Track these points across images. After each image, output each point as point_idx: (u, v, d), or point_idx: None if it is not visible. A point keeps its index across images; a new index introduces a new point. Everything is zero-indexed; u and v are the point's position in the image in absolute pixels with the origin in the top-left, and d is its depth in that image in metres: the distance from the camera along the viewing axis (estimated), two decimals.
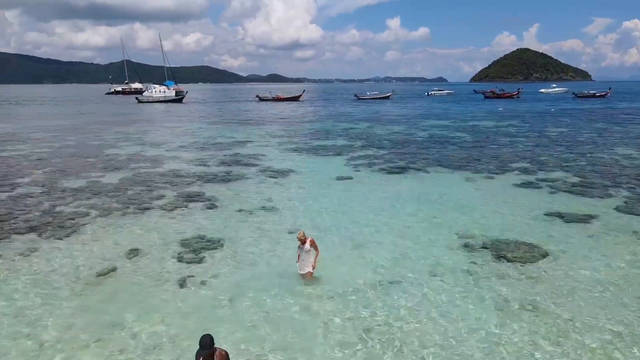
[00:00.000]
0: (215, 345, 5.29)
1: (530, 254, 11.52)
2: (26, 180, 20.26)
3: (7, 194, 17.86)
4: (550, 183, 19.34)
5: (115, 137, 36.16)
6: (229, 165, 23.85)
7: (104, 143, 32.73)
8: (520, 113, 60.08)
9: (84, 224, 14.06)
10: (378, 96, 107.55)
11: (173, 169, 23.00)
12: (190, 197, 17.30)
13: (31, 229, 13.55)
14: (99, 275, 10.35)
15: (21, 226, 13.84)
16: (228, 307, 8.91)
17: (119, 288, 9.74)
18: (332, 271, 10.46)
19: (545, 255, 11.46)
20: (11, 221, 14.37)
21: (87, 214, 15.10)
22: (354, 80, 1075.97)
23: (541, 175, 20.98)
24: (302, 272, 9.68)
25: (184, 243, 12.46)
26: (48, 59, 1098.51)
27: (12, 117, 58.85)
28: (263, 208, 15.86)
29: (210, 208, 16.05)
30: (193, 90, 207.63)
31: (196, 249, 12.03)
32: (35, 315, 8.58)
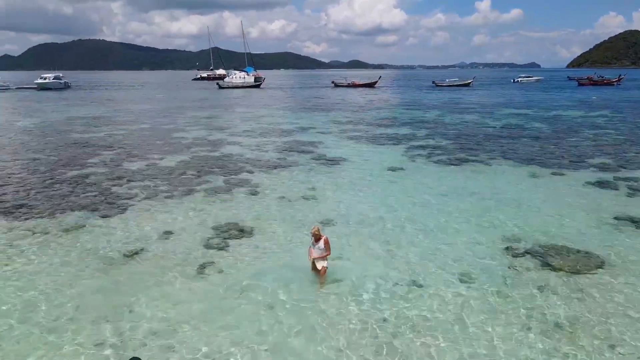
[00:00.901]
0: None
1: (583, 264, 10.16)
2: (94, 160, 21.76)
3: (74, 172, 19.27)
4: (630, 183, 17.08)
5: (187, 122, 37.86)
6: (284, 152, 23.89)
7: (175, 127, 34.38)
8: (615, 102, 54.18)
9: (131, 205, 14.73)
10: (457, 83, 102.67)
11: (229, 153, 23.50)
12: (236, 183, 17.51)
13: (83, 207, 14.44)
14: (126, 255, 10.72)
15: (76, 203, 14.81)
16: (237, 298, 8.77)
17: (139, 270, 10.01)
18: (353, 267, 9.97)
19: (600, 266, 10.05)
20: (70, 197, 15.44)
21: (136, 195, 15.82)
22: (437, 67, 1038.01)
23: (622, 173, 18.61)
24: (314, 268, 9.26)
25: (216, 229, 12.58)
26: (147, 47, 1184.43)
27: (106, 101, 63.95)
28: (303, 197, 15.61)
29: (252, 194, 16.11)
30: (274, 77, 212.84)
31: (225, 235, 12.08)
32: (53, 287, 9.03)
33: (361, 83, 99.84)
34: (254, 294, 8.88)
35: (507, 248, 11.10)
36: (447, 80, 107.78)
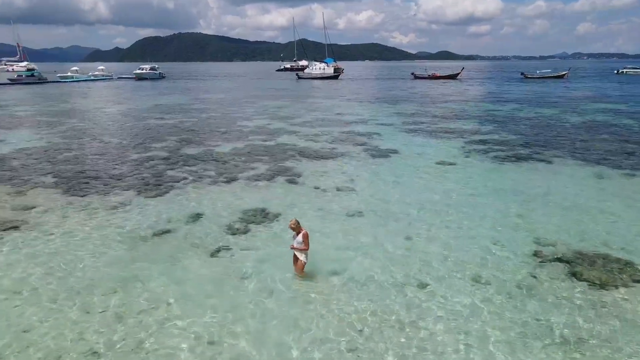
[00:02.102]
0: None
1: (619, 275, 9.12)
2: (158, 145, 23.36)
3: (137, 155, 20.86)
4: None
5: (255, 111, 39.16)
6: (337, 143, 23.89)
7: (241, 116, 35.75)
8: None
9: (176, 187, 15.67)
10: (550, 75, 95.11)
11: (283, 142, 24.00)
12: (279, 171, 17.88)
13: (134, 187, 15.63)
14: (155, 234, 11.46)
15: (129, 183, 16.06)
16: (235, 284, 9.01)
17: (160, 249, 10.65)
18: (362, 262, 9.84)
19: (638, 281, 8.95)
20: (126, 178, 16.77)
21: (184, 179, 16.78)
22: (534, 57, 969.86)
23: None
24: (294, 262, 9.12)
25: (244, 213, 12.99)
26: (239, 39, 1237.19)
27: (189, 90, 68.00)
28: (338, 188, 15.57)
29: (291, 183, 16.38)
30: (357, 68, 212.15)
31: (250, 221, 12.44)
32: (76, 259, 9.93)
33: (442, 75, 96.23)
34: (250, 280, 9.09)
35: (535, 253, 10.26)
36: (537, 72, 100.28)
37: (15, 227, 11.83)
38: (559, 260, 9.93)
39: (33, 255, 10.14)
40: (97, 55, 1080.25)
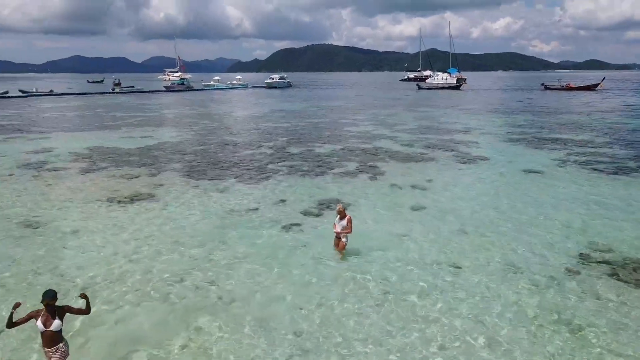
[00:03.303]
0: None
1: None
2: (268, 144, 26.64)
3: (249, 150, 24.22)
4: None
5: (364, 118, 41.24)
6: (429, 148, 24.76)
7: (349, 121, 38.09)
8: None
9: (271, 178, 18.30)
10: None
11: (379, 146, 25.61)
12: (365, 169, 19.59)
13: (237, 174, 18.63)
14: (247, 210, 14.03)
15: (234, 172, 19.14)
16: (292, 250, 10.97)
17: (246, 220, 13.14)
18: (402, 247, 11.18)
19: None
20: (234, 168, 19.93)
21: (280, 171, 19.40)
22: None
23: None
24: (336, 243, 10.55)
25: (321, 201, 14.96)
26: (368, 50, 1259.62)
27: (310, 98, 72.71)
28: (414, 186, 16.79)
29: (371, 179, 18.01)
30: (486, 78, 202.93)
31: (323, 207, 14.36)
32: (183, 221, 12.81)
33: (577, 86, 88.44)
34: (305, 249, 10.95)
35: (581, 255, 10.57)
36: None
37: (148, 197, 15.36)
38: (605, 262, 10.13)
39: (155, 216, 13.34)
40: (238, 66, 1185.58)
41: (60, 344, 5.72)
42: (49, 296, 5.55)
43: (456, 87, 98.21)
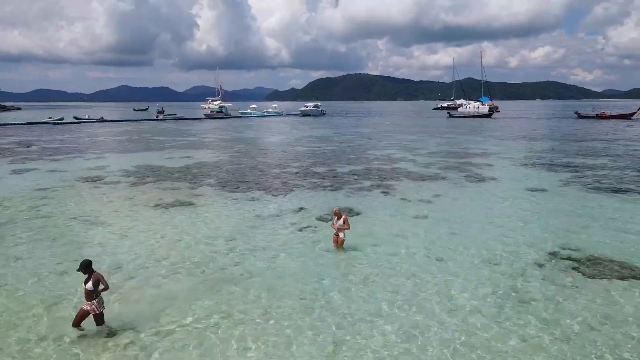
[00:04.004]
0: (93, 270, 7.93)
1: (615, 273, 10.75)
2: (295, 164, 29.13)
3: (276, 170, 26.73)
4: None
5: (388, 143, 43.37)
6: (445, 169, 26.52)
7: (373, 146, 40.30)
8: None
9: (294, 191, 20.60)
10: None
11: (397, 167, 27.61)
12: (379, 186, 21.59)
13: (264, 188, 21.04)
14: (267, 216, 16.33)
15: (261, 186, 21.56)
16: (301, 245, 13.12)
17: (266, 223, 15.41)
18: (394, 246, 13.13)
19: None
20: (262, 183, 22.37)
21: (302, 186, 21.71)
22: None
23: None
24: (335, 240, 12.51)
25: (332, 210, 17.06)
26: (403, 79, 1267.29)
27: (340, 125, 75.52)
28: (421, 200, 18.68)
29: (384, 194, 19.99)
30: (522, 107, 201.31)
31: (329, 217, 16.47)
32: (217, 223, 15.19)
33: (612, 114, 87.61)
34: (312, 245, 13.05)
35: (554, 254, 12.21)
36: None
37: (187, 204, 17.93)
38: (570, 259, 11.76)
39: (192, 217, 15.83)
40: (275, 95, 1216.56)
41: (94, 300, 7.87)
42: (79, 267, 7.88)
43: (487, 116, 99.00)
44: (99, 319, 8.04)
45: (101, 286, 7.85)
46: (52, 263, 11.52)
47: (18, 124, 75.29)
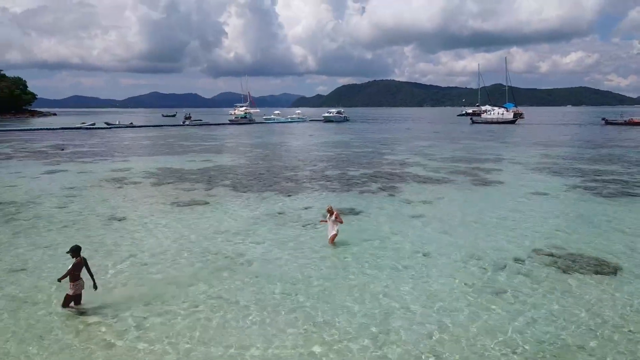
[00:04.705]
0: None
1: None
2: (308, 167, 30.27)
3: (290, 173, 27.89)
4: None
5: (404, 148, 44.10)
6: (453, 174, 27.14)
7: (388, 151, 41.12)
8: None
9: (303, 192, 21.67)
10: None
11: (407, 171, 28.40)
12: (385, 188, 22.47)
13: (275, 190, 22.19)
14: (276, 214, 17.46)
15: (273, 187, 22.73)
16: (301, 239, 14.16)
17: (272, 221, 16.53)
18: (385, 241, 14.04)
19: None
20: (274, 185, 23.54)
21: (312, 188, 22.78)
22: None
23: None
24: (328, 236, 13.40)
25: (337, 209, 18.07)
26: (430, 85, 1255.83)
27: (362, 131, 76.40)
28: (424, 202, 19.45)
29: (389, 195, 20.88)
30: (550, 113, 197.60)
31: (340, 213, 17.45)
32: (227, 219, 16.40)
33: None
34: (309, 242, 14.08)
35: (535, 249, 12.89)
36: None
37: (201, 203, 19.25)
38: (551, 256, 12.42)
39: (204, 214, 17.10)
40: (301, 101, 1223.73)
41: (78, 281, 8.83)
42: (69, 250, 8.97)
43: (511, 122, 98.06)
44: (76, 299, 8.98)
45: (85, 272, 8.88)
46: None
47: (53, 129, 79.17)
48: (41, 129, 77.46)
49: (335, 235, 13.32)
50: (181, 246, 13.28)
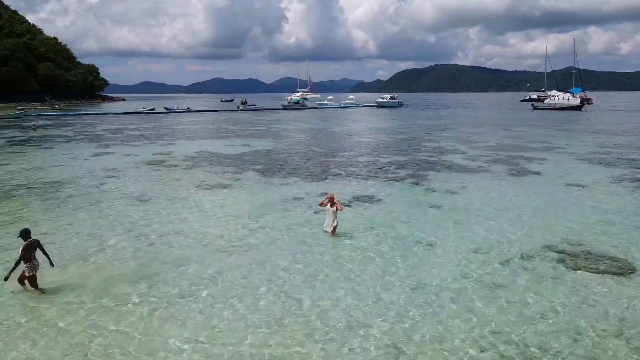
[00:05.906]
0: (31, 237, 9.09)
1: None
2: (341, 153, 30.15)
3: (322, 158, 27.93)
4: None
5: (448, 135, 42.71)
6: (491, 163, 25.99)
7: (432, 138, 40.01)
8: None
9: (327, 178, 21.67)
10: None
11: (443, 159, 27.54)
12: (413, 176, 21.95)
13: (300, 175, 22.35)
14: (292, 199, 17.65)
15: (297, 172, 22.90)
16: (304, 227, 14.22)
17: (289, 206, 16.72)
18: (396, 231, 13.79)
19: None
20: (299, 170, 23.71)
21: (339, 174, 22.73)
22: None
23: None
24: (327, 228, 13.09)
25: (358, 197, 17.97)
26: (495, 69, 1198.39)
27: (413, 117, 74.72)
28: (449, 191, 18.81)
29: (414, 184, 20.33)
30: (633, 98, 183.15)
31: (357, 201, 17.36)
32: (244, 206, 16.79)
33: None
34: (313, 231, 14.10)
35: (546, 246, 12.18)
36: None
37: (225, 187, 19.82)
38: (563, 252, 11.68)
39: (225, 198, 17.61)
40: (361, 87, 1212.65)
41: (32, 262, 8.98)
42: (19, 234, 9.20)
43: (577, 108, 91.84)
44: (32, 281, 9.19)
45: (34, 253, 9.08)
46: (93, 228, 13.78)
47: (116, 113, 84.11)
48: (105, 114, 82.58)
49: (336, 227, 13.15)
50: (188, 228, 13.79)
